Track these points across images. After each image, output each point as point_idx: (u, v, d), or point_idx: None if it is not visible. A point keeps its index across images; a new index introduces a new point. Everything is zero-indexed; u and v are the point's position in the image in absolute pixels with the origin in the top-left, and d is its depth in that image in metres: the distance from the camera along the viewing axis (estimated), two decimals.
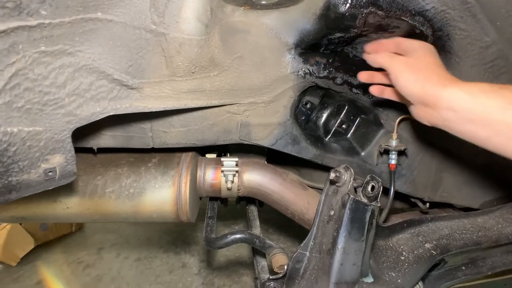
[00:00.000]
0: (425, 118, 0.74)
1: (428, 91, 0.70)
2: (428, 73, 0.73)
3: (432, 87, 0.70)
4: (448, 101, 0.67)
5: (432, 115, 0.71)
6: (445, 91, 0.68)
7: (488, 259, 0.98)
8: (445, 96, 0.68)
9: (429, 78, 0.72)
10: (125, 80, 0.74)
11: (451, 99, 0.67)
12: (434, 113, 0.71)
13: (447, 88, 0.68)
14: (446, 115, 0.68)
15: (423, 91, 0.71)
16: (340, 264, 0.75)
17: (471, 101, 0.65)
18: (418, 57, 0.76)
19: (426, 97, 0.71)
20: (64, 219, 1.01)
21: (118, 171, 1.00)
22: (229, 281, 2.42)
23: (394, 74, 0.76)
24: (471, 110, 0.65)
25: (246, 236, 1.01)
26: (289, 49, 0.87)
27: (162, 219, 1.03)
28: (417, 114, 0.76)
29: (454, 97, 0.66)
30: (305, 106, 1.05)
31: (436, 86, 0.70)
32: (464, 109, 0.65)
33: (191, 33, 0.76)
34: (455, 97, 0.66)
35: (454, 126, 0.69)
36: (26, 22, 0.57)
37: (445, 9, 0.78)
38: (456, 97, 0.66)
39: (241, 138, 0.97)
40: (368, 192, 0.74)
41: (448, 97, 0.67)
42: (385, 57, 0.80)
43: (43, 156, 0.67)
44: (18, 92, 0.60)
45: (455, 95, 0.66)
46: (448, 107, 0.67)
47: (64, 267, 2.62)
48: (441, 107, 0.68)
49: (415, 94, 0.73)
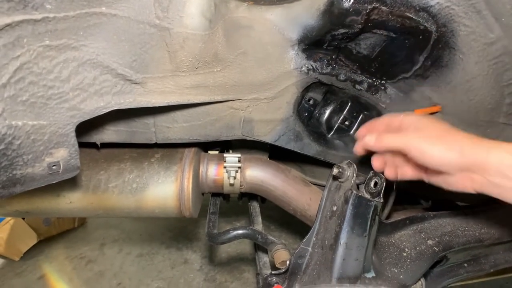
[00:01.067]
0: (471, 186, 0.64)
1: (470, 156, 0.62)
2: (454, 137, 0.66)
3: (472, 151, 0.62)
4: (499, 166, 0.59)
5: (481, 183, 0.62)
6: (491, 153, 0.60)
7: (490, 257, 0.98)
8: (493, 159, 0.60)
9: (459, 141, 0.65)
10: (129, 75, 0.75)
11: (502, 163, 0.59)
12: (482, 180, 0.62)
13: (492, 150, 0.60)
14: (499, 182, 0.60)
15: (463, 157, 0.63)
16: (342, 260, 0.75)
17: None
18: (427, 127, 0.69)
19: (469, 163, 0.62)
20: (67, 213, 1.02)
21: (121, 166, 1.00)
22: (231, 277, 2.43)
23: (417, 151, 0.67)
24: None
25: (248, 231, 1.02)
26: (293, 45, 0.87)
27: (164, 214, 1.03)
28: (459, 183, 0.66)
29: (504, 162, 0.59)
30: (308, 102, 1.05)
31: (475, 149, 0.62)
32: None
33: (195, 28, 0.76)
34: (505, 162, 0.59)
35: (507, 194, 0.61)
36: (31, 15, 0.58)
37: (450, 5, 0.78)
38: (506, 162, 0.59)
39: (243, 134, 0.97)
40: (371, 188, 0.74)
41: (497, 160, 0.59)
42: (394, 138, 0.72)
43: (47, 150, 0.67)
44: (22, 85, 0.60)
45: (504, 160, 0.59)
46: (499, 173, 0.59)
47: (67, 262, 2.63)
48: (491, 173, 0.60)
49: (453, 162, 0.64)
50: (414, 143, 0.67)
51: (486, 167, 0.60)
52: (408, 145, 0.68)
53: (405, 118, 0.73)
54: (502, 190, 0.61)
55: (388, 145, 0.72)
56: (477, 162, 0.61)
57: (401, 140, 0.70)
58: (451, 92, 0.87)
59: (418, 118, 0.72)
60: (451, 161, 0.64)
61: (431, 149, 0.65)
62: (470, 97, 0.87)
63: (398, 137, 0.71)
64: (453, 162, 0.64)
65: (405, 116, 0.74)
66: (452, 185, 0.68)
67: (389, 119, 0.76)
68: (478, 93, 0.87)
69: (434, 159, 0.65)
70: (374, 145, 0.75)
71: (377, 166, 0.79)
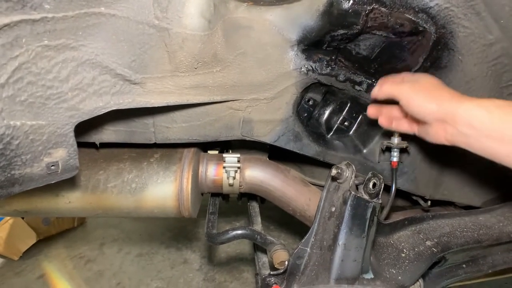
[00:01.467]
0: (445, 137, 0.72)
1: (445, 107, 0.70)
2: (439, 92, 0.73)
3: (447, 104, 0.70)
4: (466, 116, 0.66)
5: (451, 133, 0.70)
6: (461, 106, 0.67)
7: (489, 257, 0.98)
8: (462, 111, 0.67)
9: (441, 95, 0.72)
10: (128, 75, 0.75)
11: (468, 114, 0.66)
12: (453, 130, 0.69)
13: (463, 103, 0.67)
14: (466, 131, 0.67)
15: (439, 108, 0.71)
16: (341, 260, 0.75)
17: (488, 116, 0.64)
18: (422, 81, 0.77)
19: (443, 113, 0.70)
20: (66, 213, 1.02)
21: (120, 166, 1.00)
22: (230, 277, 2.43)
23: (405, 99, 0.77)
24: (489, 126, 0.64)
25: (248, 232, 1.02)
26: (292, 46, 0.87)
27: (164, 214, 1.03)
28: (435, 133, 0.74)
29: (471, 112, 0.66)
30: (307, 103, 1.05)
31: (451, 102, 0.69)
32: (482, 125, 0.64)
33: (194, 28, 0.76)
34: (472, 112, 0.65)
35: (473, 143, 0.68)
36: (30, 15, 0.58)
37: (449, 7, 0.78)
38: (474, 113, 0.65)
39: (243, 134, 0.97)
40: (369, 189, 0.74)
41: (466, 112, 0.66)
42: (391, 86, 0.81)
43: (45, 150, 0.67)
44: (21, 85, 0.60)
45: (472, 110, 0.66)
46: (466, 123, 0.66)
47: (66, 262, 2.63)
48: (460, 123, 0.67)
49: (431, 112, 0.72)
50: (404, 92, 0.77)
51: (456, 118, 0.68)
52: (399, 93, 0.78)
53: (413, 74, 0.84)
54: (469, 140, 0.68)
55: (385, 92, 0.82)
56: (449, 114, 0.69)
57: (395, 89, 0.80)
58: None
59: (417, 74, 0.82)
60: (429, 111, 0.73)
61: (416, 98, 0.75)
62: None
63: (395, 86, 0.80)
64: (431, 112, 0.72)
65: (414, 73, 0.84)
66: (431, 136, 0.76)
67: (404, 74, 0.84)
68: (477, 94, 0.87)
69: (416, 107, 0.75)
70: (377, 93, 0.85)
71: (371, 113, 0.93)
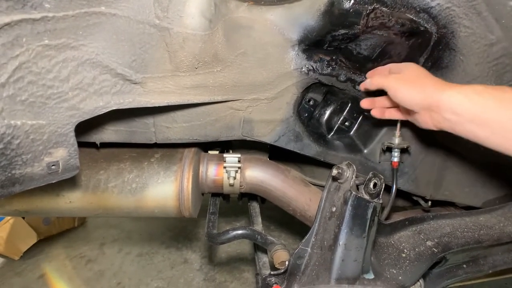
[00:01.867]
0: (432, 123, 0.76)
1: (429, 95, 0.74)
2: (423, 81, 0.77)
3: (431, 92, 0.74)
4: (449, 104, 0.70)
5: (437, 119, 0.74)
6: (444, 93, 0.71)
7: (489, 258, 0.98)
8: (445, 98, 0.71)
9: (425, 84, 0.76)
10: (129, 74, 0.74)
11: (451, 101, 0.70)
12: (438, 116, 0.73)
13: (446, 91, 0.71)
14: (450, 117, 0.71)
15: (424, 96, 0.75)
16: (341, 260, 0.75)
17: (468, 102, 0.68)
18: (406, 72, 0.81)
19: (428, 102, 0.74)
20: (67, 213, 1.02)
21: (120, 166, 1.00)
22: (230, 277, 2.43)
23: (392, 90, 0.80)
24: (469, 111, 0.68)
25: (248, 232, 1.02)
26: (293, 46, 0.87)
27: (164, 214, 1.03)
28: (423, 121, 0.78)
29: (453, 99, 0.70)
30: (308, 103, 1.05)
31: (434, 90, 0.73)
32: (464, 110, 0.69)
33: (195, 28, 0.76)
34: (454, 99, 0.70)
35: (457, 128, 0.72)
36: (30, 15, 0.58)
37: (450, 6, 0.78)
38: (455, 99, 0.70)
39: (243, 134, 0.97)
40: (370, 189, 0.74)
41: (448, 99, 0.70)
42: (379, 78, 0.85)
43: (46, 149, 0.67)
44: (21, 85, 0.60)
45: (454, 97, 0.70)
46: (449, 109, 0.70)
47: (67, 262, 2.63)
48: (444, 110, 0.71)
49: (417, 101, 0.77)
50: (391, 83, 0.81)
51: (440, 105, 0.72)
52: (387, 84, 0.82)
53: (398, 64, 0.86)
54: (455, 125, 0.72)
55: (375, 83, 0.85)
56: (434, 101, 0.73)
57: (384, 80, 0.83)
58: None
59: (402, 65, 0.85)
60: (415, 100, 0.77)
61: (402, 89, 0.79)
62: None
63: (384, 78, 0.84)
64: (417, 101, 0.76)
65: (399, 64, 0.87)
66: (420, 123, 0.80)
67: (390, 65, 0.89)
68: None
69: (403, 97, 0.79)
70: (367, 85, 0.89)
71: (365, 105, 0.95)
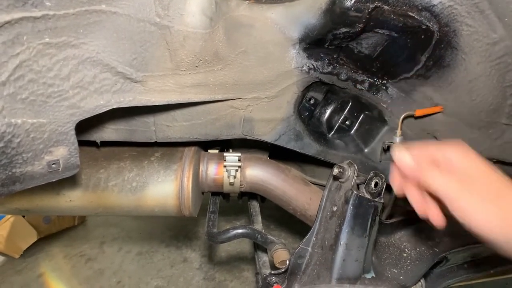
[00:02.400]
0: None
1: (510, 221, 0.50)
2: (500, 193, 0.53)
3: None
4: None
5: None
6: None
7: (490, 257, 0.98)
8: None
9: (503, 198, 0.53)
10: (129, 73, 0.74)
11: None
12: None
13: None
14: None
15: (504, 224, 0.51)
16: (342, 260, 0.75)
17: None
18: (478, 179, 0.55)
19: (508, 232, 0.50)
20: (67, 211, 1.02)
21: (121, 165, 1.00)
22: (230, 276, 2.43)
23: (454, 203, 0.55)
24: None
25: (248, 231, 1.01)
26: (294, 44, 0.87)
27: (164, 213, 1.03)
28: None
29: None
30: (308, 102, 1.05)
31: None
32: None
33: (196, 26, 0.76)
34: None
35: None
36: (31, 13, 0.57)
37: (452, 4, 0.77)
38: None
39: (244, 133, 0.97)
40: (371, 188, 0.74)
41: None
42: (437, 179, 0.57)
43: (46, 148, 0.67)
44: (22, 83, 0.60)
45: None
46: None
47: (67, 260, 2.63)
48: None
49: (495, 231, 0.52)
50: (451, 192, 0.55)
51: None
52: (451, 197, 0.55)
53: (454, 156, 0.58)
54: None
55: (426, 182, 0.58)
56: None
57: (444, 186, 0.56)
58: (453, 92, 0.87)
59: (471, 164, 0.57)
60: (493, 230, 0.52)
61: (479, 212, 0.52)
62: (472, 98, 0.86)
63: (442, 180, 0.57)
64: (495, 230, 0.51)
65: (455, 153, 0.58)
66: (501, 251, 0.54)
67: (430, 151, 0.61)
68: (480, 93, 0.86)
69: (480, 226, 0.52)
70: (411, 172, 0.61)
71: (397, 188, 0.67)
